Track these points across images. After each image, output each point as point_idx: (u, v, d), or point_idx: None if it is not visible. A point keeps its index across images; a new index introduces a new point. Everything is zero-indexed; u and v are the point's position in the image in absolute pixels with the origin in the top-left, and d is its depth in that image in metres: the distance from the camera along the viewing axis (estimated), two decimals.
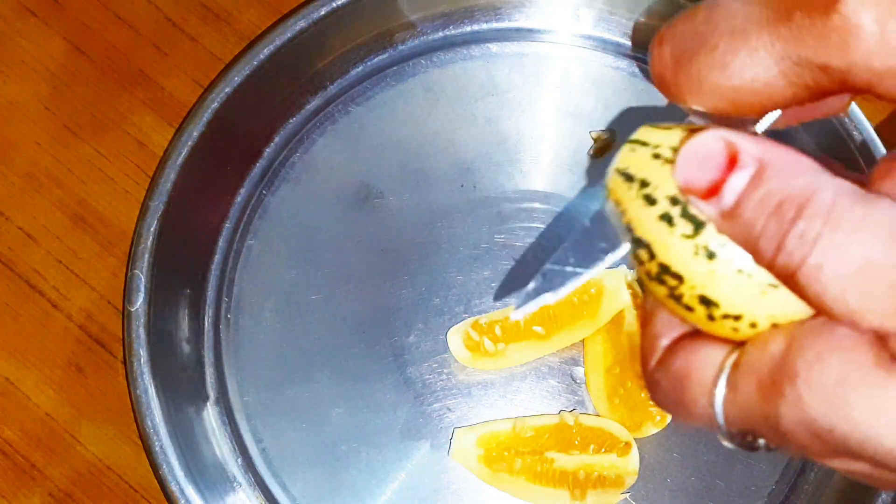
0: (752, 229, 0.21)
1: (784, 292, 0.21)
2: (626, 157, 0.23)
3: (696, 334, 0.23)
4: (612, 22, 0.51)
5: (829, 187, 0.20)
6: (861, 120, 0.45)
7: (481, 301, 0.47)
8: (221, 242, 0.48)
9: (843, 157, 0.46)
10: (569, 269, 0.24)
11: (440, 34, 0.51)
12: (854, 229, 0.20)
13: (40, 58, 0.51)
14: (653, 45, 0.23)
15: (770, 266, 0.21)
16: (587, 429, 0.44)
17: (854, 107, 0.46)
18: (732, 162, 0.21)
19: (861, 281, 0.20)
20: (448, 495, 0.44)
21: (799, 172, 0.21)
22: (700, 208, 0.21)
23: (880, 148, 0.45)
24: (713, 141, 0.21)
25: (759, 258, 0.21)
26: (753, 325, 0.22)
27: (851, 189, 0.20)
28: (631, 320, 0.46)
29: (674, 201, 0.22)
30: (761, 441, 0.22)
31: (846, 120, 0.45)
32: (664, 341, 0.24)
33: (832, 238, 0.20)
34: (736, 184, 0.21)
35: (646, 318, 0.25)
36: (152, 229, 0.44)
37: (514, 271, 0.47)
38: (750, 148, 0.21)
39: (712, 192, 0.21)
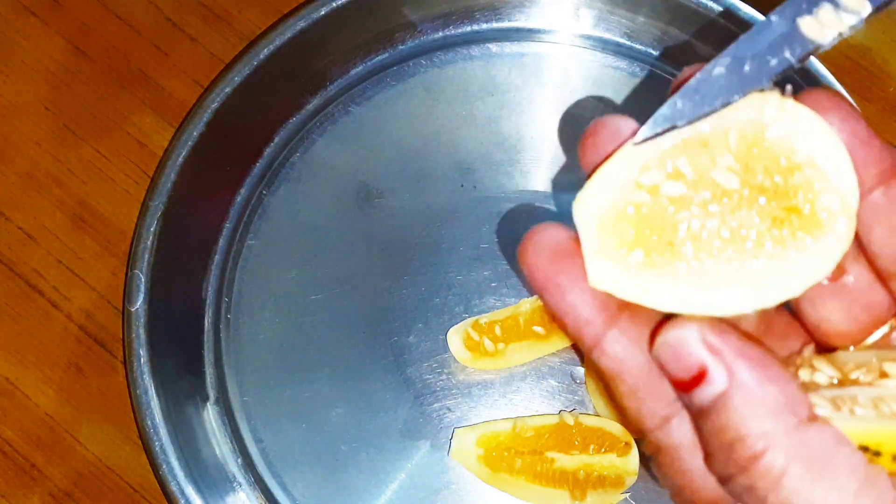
0: (704, 444, 0.22)
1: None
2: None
3: None
4: (612, 22, 0.51)
5: (783, 449, 0.20)
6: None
7: (481, 301, 0.47)
8: (221, 242, 0.48)
9: None
10: (706, 95, 0.22)
11: (440, 34, 0.51)
12: None
13: (40, 58, 0.51)
14: None
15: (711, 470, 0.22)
16: (587, 429, 0.44)
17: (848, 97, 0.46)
18: (702, 374, 0.21)
19: None
20: (448, 495, 0.44)
21: (761, 410, 0.21)
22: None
23: None
24: (695, 341, 0.21)
25: (706, 462, 0.22)
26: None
27: (807, 456, 0.20)
28: None
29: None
30: None
31: None
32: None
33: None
34: (702, 396, 0.21)
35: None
36: (152, 229, 0.44)
37: (514, 271, 0.47)
38: (725, 364, 0.21)
39: (681, 386, 0.21)
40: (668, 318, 0.22)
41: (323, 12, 0.47)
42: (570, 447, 0.44)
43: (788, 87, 0.22)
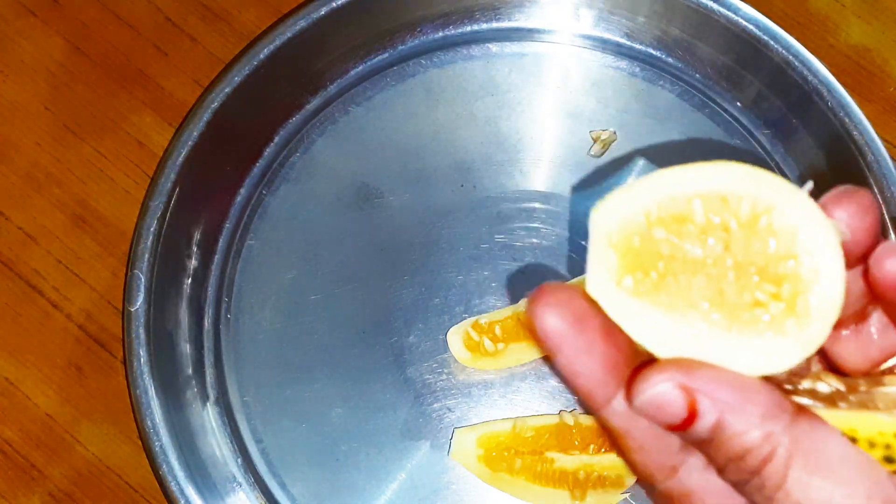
0: (716, 464, 0.23)
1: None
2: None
3: None
4: (612, 22, 0.51)
5: (785, 445, 0.22)
6: (861, 120, 0.45)
7: (481, 301, 0.47)
8: (221, 242, 0.48)
9: (844, 157, 0.46)
10: None
11: (440, 34, 0.51)
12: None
13: (40, 58, 0.51)
14: None
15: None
16: (587, 429, 0.44)
17: (854, 107, 0.46)
18: (692, 414, 0.22)
19: None
20: (448, 495, 0.44)
21: (756, 420, 0.22)
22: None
23: (880, 148, 0.45)
24: (672, 390, 0.22)
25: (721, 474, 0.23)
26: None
27: (805, 448, 0.22)
28: None
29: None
30: None
31: (846, 119, 0.45)
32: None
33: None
34: (698, 431, 0.22)
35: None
36: (152, 229, 0.44)
37: (514, 271, 0.47)
38: (708, 396, 0.22)
39: (675, 429, 0.22)
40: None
41: (323, 12, 0.47)
42: (570, 447, 0.44)
43: (810, 184, 0.23)
